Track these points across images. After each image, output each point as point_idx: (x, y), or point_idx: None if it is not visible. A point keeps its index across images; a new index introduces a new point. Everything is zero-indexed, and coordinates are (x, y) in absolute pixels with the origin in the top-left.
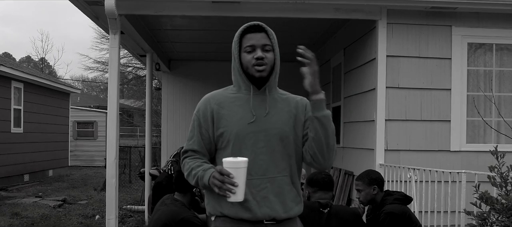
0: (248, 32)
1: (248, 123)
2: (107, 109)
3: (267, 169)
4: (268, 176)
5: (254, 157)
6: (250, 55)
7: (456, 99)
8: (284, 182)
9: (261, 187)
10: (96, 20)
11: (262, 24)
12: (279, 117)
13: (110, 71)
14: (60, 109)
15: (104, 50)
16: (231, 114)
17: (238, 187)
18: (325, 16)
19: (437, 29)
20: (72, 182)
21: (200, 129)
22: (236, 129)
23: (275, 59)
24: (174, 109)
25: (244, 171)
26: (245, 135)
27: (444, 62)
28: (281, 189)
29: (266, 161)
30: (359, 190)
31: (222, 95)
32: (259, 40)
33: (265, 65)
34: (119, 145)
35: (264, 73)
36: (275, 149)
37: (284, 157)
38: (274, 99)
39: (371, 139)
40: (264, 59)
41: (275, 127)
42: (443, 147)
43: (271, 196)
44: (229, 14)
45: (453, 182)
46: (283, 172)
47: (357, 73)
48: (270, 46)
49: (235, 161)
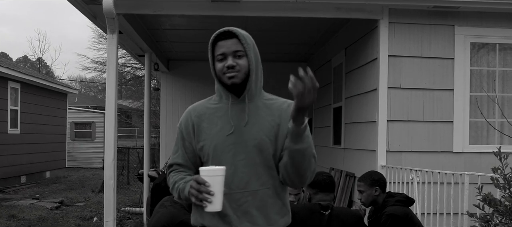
0: (219, 39)
1: (226, 134)
2: (105, 110)
3: (248, 182)
4: (249, 189)
5: (234, 170)
6: (222, 63)
7: (459, 100)
8: (267, 195)
9: (241, 201)
10: (94, 20)
11: (234, 29)
12: (260, 126)
13: (108, 72)
14: (57, 110)
15: (102, 50)
16: (210, 126)
17: (214, 196)
18: (325, 15)
19: (439, 29)
20: (69, 183)
21: (184, 142)
22: (215, 142)
23: (250, 64)
24: (173, 110)
25: (221, 179)
26: (224, 148)
27: (447, 62)
28: (264, 203)
29: (247, 173)
30: (361, 191)
31: (203, 106)
32: (230, 47)
33: (236, 72)
34: (117, 146)
35: (236, 80)
36: (256, 161)
37: (265, 169)
38: (256, 107)
39: (373, 140)
40: (235, 67)
41: (254, 137)
42: (446, 148)
43: (253, 210)
44: (229, 14)
45: (455, 184)
46: (266, 185)
47: (359, 73)
48: (242, 52)
49: (211, 169)
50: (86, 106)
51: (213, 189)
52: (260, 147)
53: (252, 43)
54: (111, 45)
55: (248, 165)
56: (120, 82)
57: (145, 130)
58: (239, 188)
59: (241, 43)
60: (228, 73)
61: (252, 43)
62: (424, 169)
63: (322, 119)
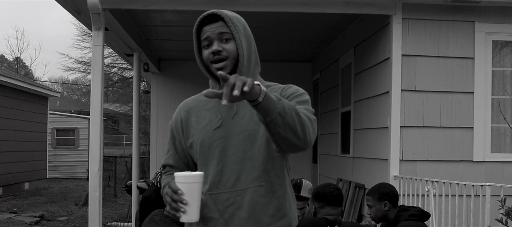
0: (203, 24)
1: (213, 128)
2: (90, 114)
3: (237, 180)
4: (239, 189)
5: (222, 167)
6: (208, 50)
7: (479, 103)
8: (258, 194)
9: (229, 202)
10: (77, 15)
11: (218, 11)
12: (251, 115)
13: (93, 72)
14: (37, 115)
15: (86, 48)
16: (198, 121)
17: (188, 206)
18: (332, 10)
19: (458, 26)
20: (50, 196)
21: (174, 141)
22: (202, 137)
23: (238, 48)
24: (165, 114)
25: (197, 186)
26: (211, 143)
27: (466, 62)
28: (255, 203)
29: (236, 170)
30: (369, 205)
31: (194, 100)
32: (214, 30)
33: (224, 59)
34: (103, 154)
35: (225, 69)
36: (247, 155)
37: (258, 163)
38: None
39: (385, 148)
40: (221, 52)
41: (245, 129)
42: (465, 157)
43: (241, 212)
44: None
45: (476, 196)
46: (257, 181)
47: (369, 74)
48: (229, 34)
49: (185, 175)
50: (69, 111)
51: (187, 198)
52: (251, 139)
53: (242, 25)
54: (96, 44)
55: (238, 161)
56: (106, 84)
57: (133, 137)
58: (226, 187)
59: (227, 26)
60: (215, 63)
61: (242, 25)
62: (441, 180)
63: (329, 125)
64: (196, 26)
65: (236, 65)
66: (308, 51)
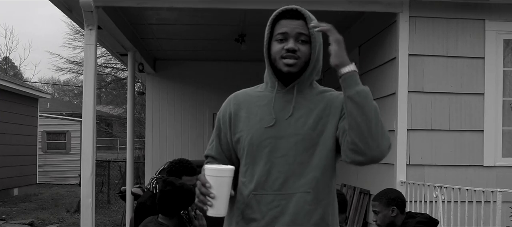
0: (283, 17)
1: (265, 126)
2: (82, 117)
3: (284, 183)
4: (285, 192)
5: (269, 167)
6: (281, 45)
7: (490, 105)
8: (305, 200)
9: (273, 204)
10: (69, 13)
11: (302, 9)
12: (306, 119)
13: (85, 73)
14: (27, 118)
15: (78, 48)
16: (249, 117)
17: (216, 199)
18: (336, 8)
19: (468, 24)
20: (41, 202)
21: (220, 132)
22: (251, 134)
23: (312, 53)
24: (160, 117)
25: (226, 181)
26: (261, 141)
27: (476, 62)
28: (299, 209)
29: (284, 173)
30: (376, 211)
31: (246, 94)
32: (295, 28)
33: (296, 59)
34: (96, 159)
35: (294, 68)
36: (297, 159)
37: (308, 169)
38: (305, 99)
39: (391, 152)
40: (296, 52)
41: (298, 132)
42: (475, 162)
43: (284, 217)
44: (223, 6)
45: (486, 203)
46: (305, 187)
47: (374, 75)
48: (306, 36)
49: (214, 168)
50: (60, 113)
51: (215, 191)
52: (305, 143)
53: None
54: (89, 43)
55: (287, 163)
56: (99, 86)
57: (128, 141)
58: (272, 189)
59: (307, 27)
60: (286, 59)
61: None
62: (450, 186)
63: None
64: (274, 17)
65: (304, 68)
66: None
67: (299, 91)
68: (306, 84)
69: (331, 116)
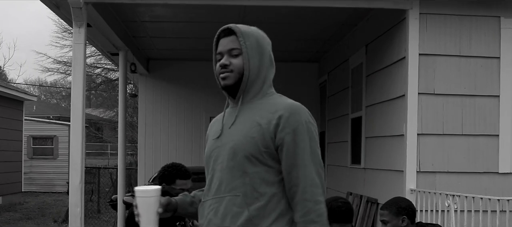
0: (220, 37)
1: (213, 139)
2: (70, 121)
3: (218, 187)
4: (218, 196)
5: (212, 175)
6: (218, 63)
7: (506, 108)
8: (232, 203)
9: (211, 208)
10: (56, 10)
11: (233, 26)
12: (243, 126)
13: (73, 74)
14: (11, 121)
15: (66, 47)
16: (210, 133)
17: (141, 217)
18: (342, 5)
19: (482, 21)
20: (26, 212)
21: None
22: (206, 148)
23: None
24: (154, 121)
25: (149, 201)
26: (210, 153)
27: (491, 63)
28: (227, 211)
29: (220, 178)
30: (384, 221)
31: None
32: (226, 45)
33: (230, 72)
34: (85, 165)
35: (228, 81)
36: (229, 164)
37: (239, 174)
38: (249, 109)
39: (400, 158)
40: (228, 66)
41: (232, 139)
42: (490, 168)
43: (216, 219)
44: (221, 3)
45: (502, 212)
46: (234, 191)
47: (383, 76)
48: (238, 50)
49: (137, 190)
50: (47, 117)
51: (140, 210)
52: (235, 149)
53: (255, 40)
54: (77, 41)
55: (222, 169)
56: (88, 87)
57: (119, 146)
58: (211, 194)
59: (238, 41)
60: (221, 74)
61: (255, 39)
62: (463, 194)
63: (338, 132)
64: (215, 38)
65: (241, 80)
66: (314, 50)
67: (247, 102)
68: (252, 94)
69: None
